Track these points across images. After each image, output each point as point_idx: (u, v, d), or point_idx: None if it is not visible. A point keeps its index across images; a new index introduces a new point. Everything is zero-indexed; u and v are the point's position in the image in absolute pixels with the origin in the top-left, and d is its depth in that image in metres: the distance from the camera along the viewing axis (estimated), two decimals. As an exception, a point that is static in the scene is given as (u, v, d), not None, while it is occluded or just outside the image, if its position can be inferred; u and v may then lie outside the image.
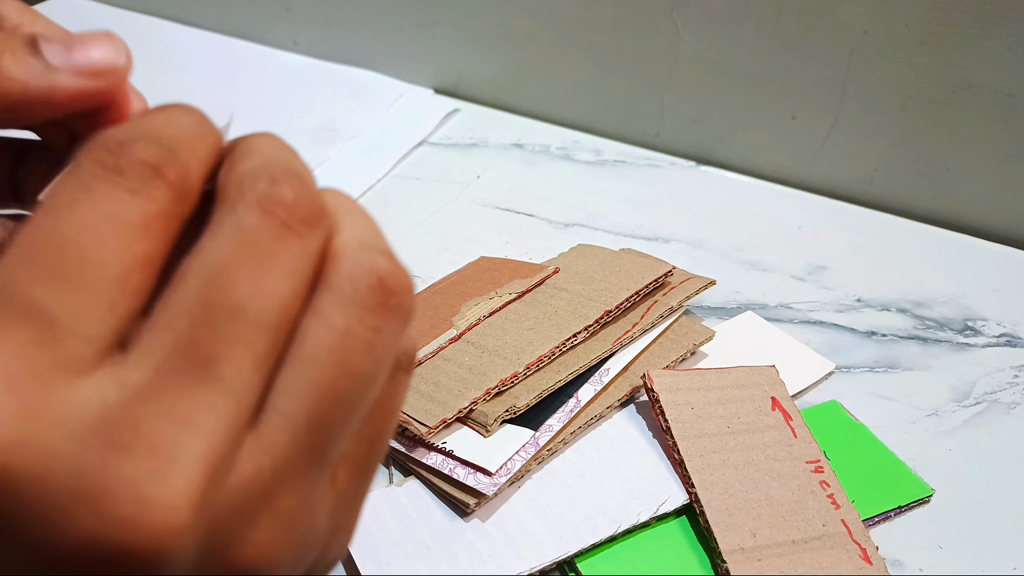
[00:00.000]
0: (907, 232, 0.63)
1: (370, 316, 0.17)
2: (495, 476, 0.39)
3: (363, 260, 0.17)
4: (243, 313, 0.15)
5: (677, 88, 0.69)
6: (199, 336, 0.15)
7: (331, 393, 0.17)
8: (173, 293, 0.15)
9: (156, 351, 0.15)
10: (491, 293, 0.49)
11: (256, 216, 0.16)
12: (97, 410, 0.14)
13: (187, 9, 0.89)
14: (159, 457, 0.14)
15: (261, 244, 0.16)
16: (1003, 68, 0.57)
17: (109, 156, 0.16)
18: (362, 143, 0.71)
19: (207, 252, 0.16)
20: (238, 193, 0.16)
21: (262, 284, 0.16)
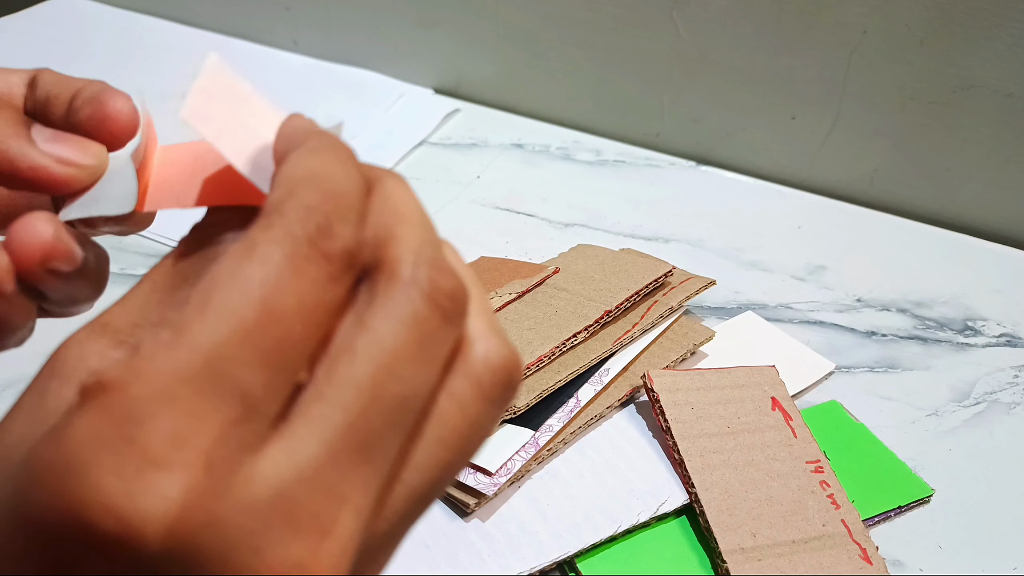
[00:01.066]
0: (907, 232, 0.63)
1: (494, 407, 0.18)
2: (495, 476, 0.39)
3: (502, 353, 0.18)
4: (408, 402, 0.16)
5: (677, 88, 0.69)
6: (368, 419, 0.16)
7: (450, 470, 0.18)
8: (343, 369, 0.16)
9: (326, 428, 0.15)
10: (491, 293, 0.49)
11: (427, 307, 0.17)
12: (274, 488, 0.15)
13: (187, 9, 0.89)
14: (322, 535, 0.15)
15: (428, 335, 0.17)
16: (1003, 68, 0.57)
17: (320, 237, 0.16)
18: (362, 143, 0.71)
19: (380, 335, 0.16)
20: (411, 279, 0.17)
21: (426, 375, 0.17)
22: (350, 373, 0.16)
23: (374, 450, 0.16)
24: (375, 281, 0.17)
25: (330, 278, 0.16)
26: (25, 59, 0.82)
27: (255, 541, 0.14)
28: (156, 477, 0.14)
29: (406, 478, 0.17)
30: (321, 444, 0.15)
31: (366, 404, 0.16)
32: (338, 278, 0.16)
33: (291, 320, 0.16)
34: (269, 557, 0.14)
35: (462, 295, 0.18)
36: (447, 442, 0.18)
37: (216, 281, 0.15)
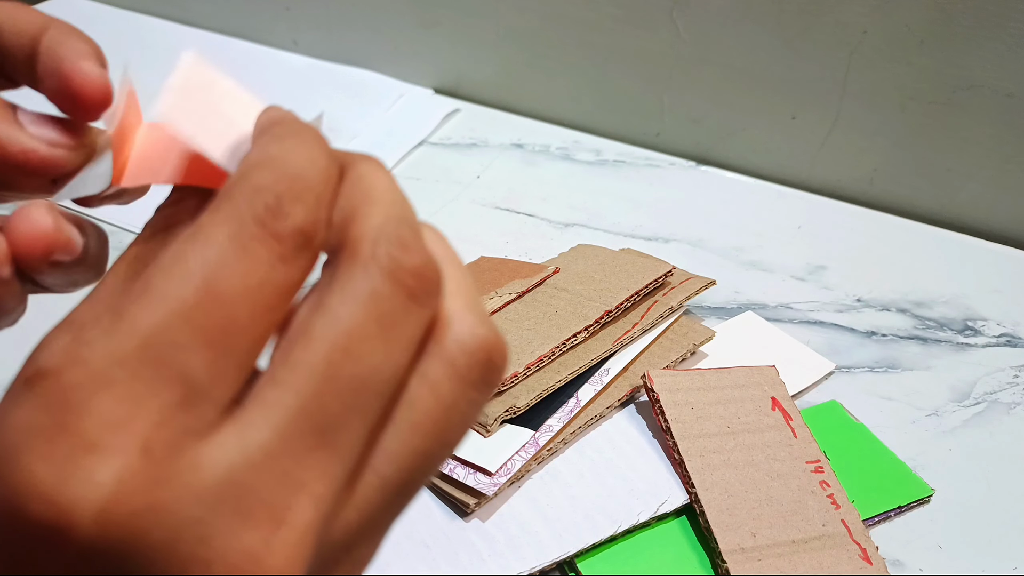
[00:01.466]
0: (907, 232, 0.63)
1: (473, 391, 0.17)
2: (495, 476, 0.39)
3: (477, 333, 0.17)
4: (368, 384, 0.16)
5: (677, 88, 0.69)
6: (323, 402, 0.15)
7: (427, 460, 0.17)
8: (298, 353, 0.15)
9: (278, 412, 0.15)
10: (491, 293, 0.49)
11: (387, 286, 0.16)
12: (222, 474, 0.14)
13: (187, 9, 0.89)
14: (275, 524, 0.14)
15: (390, 314, 0.16)
16: (1003, 68, 0.57)
17: (269, 217, 0.15)
18: (362, 143, 0.71)
19: (337, 315, 0.15)
20: (370, 257, 0.16)
21: (388, 355, 0.16)
22: (305, 355, 0.15)
23: (333, 435, 0.15)
24: (337, 262, 0.16)
25: (281, 258, 0.15)
26: (25, 59, 0.82)
27: (202, 530, 0.14)
28: (88, 461, 0.13)
29: (377, 466, 0.16)
30: (274, 428, 0.15)
31: (321, 386, 0.15)
32: (290, 259, 0.16)
33: (236, 301, 0.15)
34: (218, 546, 0.14)
35: (431, 274, 0.17)
36: (421, 428, 0.17)
37: (159, 265, 0.15)
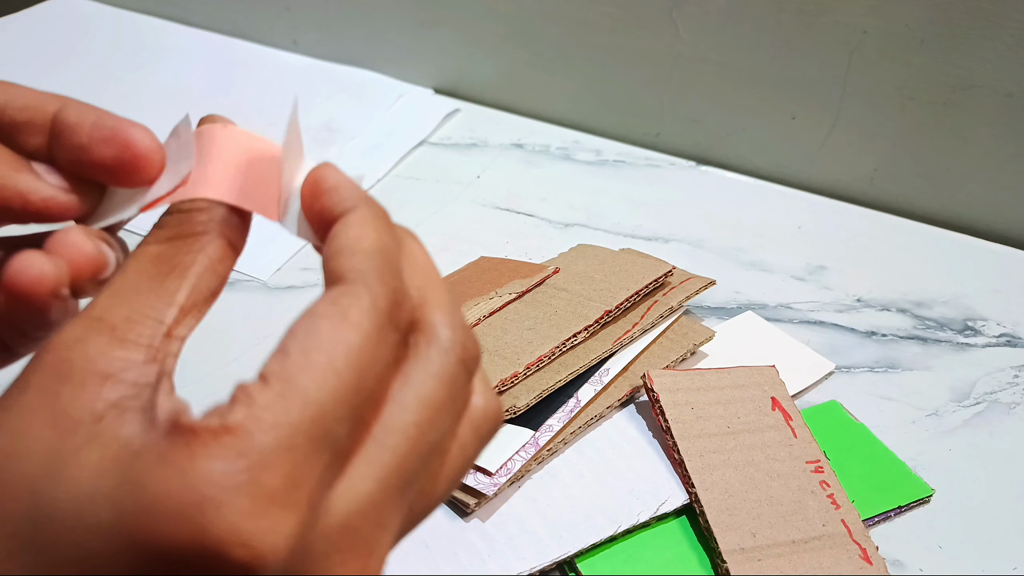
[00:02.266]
0: (907, 232, 0.63)
1: (482, 449, 0.22)
2: (495, 476, 0.39)
3: (494, 403, 0.22)
4: (437, 446, 0.20)
5: (677, 88, 0.69)
6: (410, 460, 0.19)
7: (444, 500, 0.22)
8: (393, 417, 0.19)
9: (379, 467, 0.19)
10: (491, 293, 0.49)
11: (460, 368, 0.20)
12: (342, 519, 0.18)
13: (187, 9, 0.89)
14: (369, 555, 0.19)
15: (458, 390, 0.21)
16: (1003, 68, 0.57)
17: (396, 309, 0.20)
18: (362, 143, 0.71)
19: (423, 391, 0.20)
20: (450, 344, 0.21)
21: (452, 423, 0.21)
22: (398, 422, 0.19)
23: (410, 486, 0.20)
24: (417, 342, 0.20)
25: (397, 343, 0.20)
26: (25, 59, 0.82)
27: (326, 562, 0.18)
28: (279, 515, 0.17)
29: (416, 506, 0.21)
30: (375, 481, 0.19)
31: (410, 448, 0.19)
32: (400, 342, 0.20)
33: (373, 379, 0.19)
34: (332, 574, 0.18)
35: (479, 355, 0.21)
36: (449, 477, 0.21)
37: (318, 341, 0.18)
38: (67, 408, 0.18)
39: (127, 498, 0.16)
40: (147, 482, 0.16)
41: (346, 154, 0.70)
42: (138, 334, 0.19)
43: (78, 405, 0.18)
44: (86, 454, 0.17)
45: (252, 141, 0.23)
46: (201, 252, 0.21)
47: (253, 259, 0.57)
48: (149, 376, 0.19)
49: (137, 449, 0.17)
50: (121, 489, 0.16)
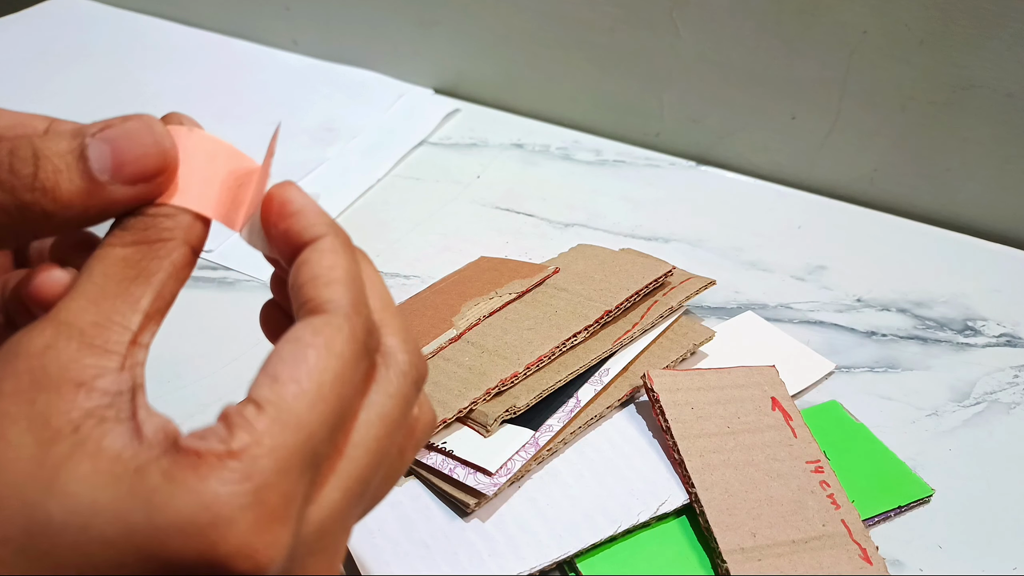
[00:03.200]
0: (907, 232, 0.63)
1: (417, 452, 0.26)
2: (495, 476, 0.39)
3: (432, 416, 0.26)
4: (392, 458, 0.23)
5: (677, 88, 0.69)
6: (371, 472, 0.22)
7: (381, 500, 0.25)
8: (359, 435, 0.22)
9: (346, 479, 0.21)
10: (491, 293, 0.49)
11: (413, 389, 0.23)
12: (316, 528, 0.20)
13: (187, 9, 0.89)
14: (336, 556, 0.22)
15: (409, 407, 0.23)
16: (1003, 68, 0.57)
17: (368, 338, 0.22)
18: (362, 143, 0.71)
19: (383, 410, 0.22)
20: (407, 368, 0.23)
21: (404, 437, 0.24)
22: (364, 438, 0.22)
23: (368, 492, 0.22)
24: (377, 364, 0.23)
25: (367, 367, 0.22)
26: (25, 59, 0.82)
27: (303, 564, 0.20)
28: (279, 530, 0.19)
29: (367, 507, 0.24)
30: (344, 492, 0.21)
31: (371, 460, 0.22)
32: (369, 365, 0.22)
33: (349, 401, 0.21)
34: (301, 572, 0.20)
35: (427, 373, 0.24)
36: (393, 479, 0.24)
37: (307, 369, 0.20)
38: (45, 416, 0.19)
39: (136, 515, 0.18)
40: (159, 501, 0.18)
41: (346, 154, 0.70)
42: (106, 340, 0.20)
43: (55, 413, 0.19)
44: (76, 465, 0.18)
45: (218, 147, 0.23)
46: (167, 258, 0.22)
47: (253, 259, 0.57)
48: (121, 384, 0.20)
49: (137, 466, 0.18)
50: (127, 505, 0.18)
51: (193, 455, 0.18)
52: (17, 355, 0.19)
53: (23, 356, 0.19)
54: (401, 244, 0.60)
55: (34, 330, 0.20)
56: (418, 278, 0.56)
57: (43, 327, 0.20)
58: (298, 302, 0.22)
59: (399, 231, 0.61)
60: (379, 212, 0.64)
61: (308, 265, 0.22)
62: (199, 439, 0.19)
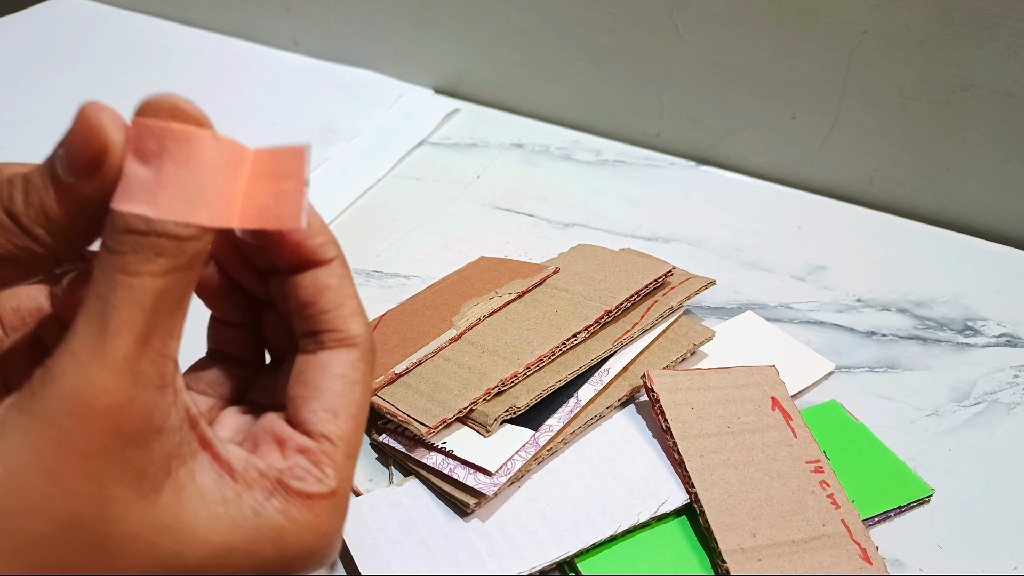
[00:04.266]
0: (907, 232, 0.63)
1: None
2: (495, 476, 0.39)
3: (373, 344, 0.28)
4: None
5: (677, 88, 0.69)
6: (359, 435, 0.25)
7: None
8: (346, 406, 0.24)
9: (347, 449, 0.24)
10: (491, 293, 0.49)
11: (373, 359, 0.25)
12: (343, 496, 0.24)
13: (187, 9, 0.89)
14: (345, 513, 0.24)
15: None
16: (1003, 68, 0.57)
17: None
18: (362, 143, 0.71)
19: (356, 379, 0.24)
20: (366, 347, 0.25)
21: None
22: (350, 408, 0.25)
23: None
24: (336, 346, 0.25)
25: None
26: (25, 59, 0.82)
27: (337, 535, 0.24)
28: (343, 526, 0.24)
29: None
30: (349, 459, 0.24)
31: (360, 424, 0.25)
32: None
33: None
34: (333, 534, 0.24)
35: None
36: None
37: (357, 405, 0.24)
38: (140, 469, 0.20)
39: (267, 551, 0.22)
40: (288, 539, 0.22)
41: (346, 154, 0.70)
42: (163, 376, 0.21)
43: (147, 464, 0.20)
44: (193, 511, 0.21)
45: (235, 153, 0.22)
46: (195, 281, 0.21)
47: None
48: (180, 416, 0.21)
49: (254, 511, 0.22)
50: (257, 544, 0.22)
51: (305, 497, 0.22)
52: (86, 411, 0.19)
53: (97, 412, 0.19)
54: (401, 244, 0.60)
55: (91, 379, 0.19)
56: (418, 278, 0.56)
57: (98, 373, 0.19)
58: (321, 326, 0.24)
59: (399, 231, 0.61)
60: (379, 212, 0.64)
61: (331, 292, 0.24)
62: (300, 480, 0.23)
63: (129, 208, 0.20)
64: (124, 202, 0.20)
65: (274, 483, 0.22)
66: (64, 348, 0.20)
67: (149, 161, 0.20)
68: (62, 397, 0.19)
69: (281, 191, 0.22)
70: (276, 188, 0.22)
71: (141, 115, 0.21)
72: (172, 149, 0.20)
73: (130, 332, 0.20)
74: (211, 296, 0.27)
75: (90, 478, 0.19)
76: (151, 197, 0.20)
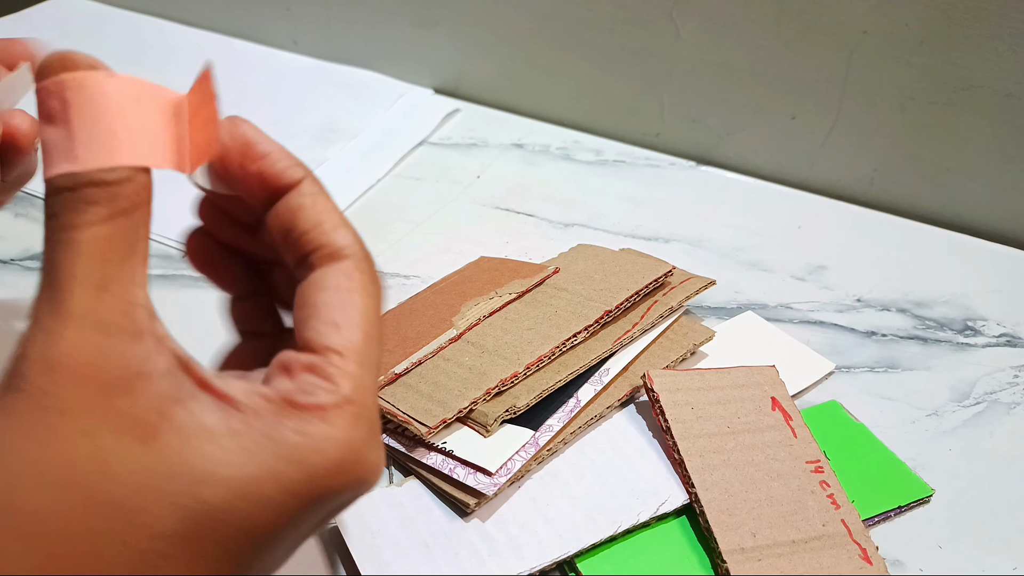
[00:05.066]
0: (907, 232, 0.63)
1: None
2: (495, 476, 0.39)
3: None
4: None
5: (677, 88, 0.69)
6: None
7: None
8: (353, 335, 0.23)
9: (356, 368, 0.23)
10: (491, 293, 0.49)
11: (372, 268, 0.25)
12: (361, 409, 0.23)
13: (187, 9, 0.89)
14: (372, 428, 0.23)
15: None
16: (1003, 68, 0.57)
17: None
18: (362, 143, 0.71)
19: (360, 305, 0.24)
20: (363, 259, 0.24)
21: None
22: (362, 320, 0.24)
23: None
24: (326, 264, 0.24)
25: None
26: (25, 59, 0.82)
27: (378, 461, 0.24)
28: (380, 444, 0.23)
29: None
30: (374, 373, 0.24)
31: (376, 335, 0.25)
32: None
33: None
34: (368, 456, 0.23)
35: None
36: None
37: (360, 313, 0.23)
38: (132, 417, 0.20)
39: (291, 472, 0.20)
40: (308, 456, 0.21)
41: (346, 154, 0.70)
42: (133, 324, 0.20)
43: (140, 411, 0.20)
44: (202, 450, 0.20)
45: (140, 88, 0.22)
46: (143, 224, 0.21)
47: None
48: (168, 361, 0.21)
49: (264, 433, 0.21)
50: (278, 467, 0.20)
51: (318, 410, 0.21)
52: (57, 368, 0.19)
53: (69, 368, 0.19)
54: (401, 244, 0.60)
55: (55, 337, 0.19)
56: (418, 278, 0.56)
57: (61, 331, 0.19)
58: (306, 247, 0.24)
59: (399, 231, 0.61)
60: (379, 212, 0.64)
61: (305, 211, 0.23)
62: (310, 395, 0.21)
63: (53, 171, 0.20)
64: (48, 168, 0.20)
65: (282, 404, 0.21)
66: (33, 311, 0.20)
67: (56, 120, 0.20)
68: (32, 361, 0.19)
69: (206, 122, 0.22)
70: (202, 121, 0.22)
71: (39, 79, 0.20)
72: (72, 100, 0.20)
73: (81, 284, 0.19)
74: (213, 269, 0.27)
75: (80, 435, 0.19)
76: (69, 153, 0.20)
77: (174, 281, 0.55)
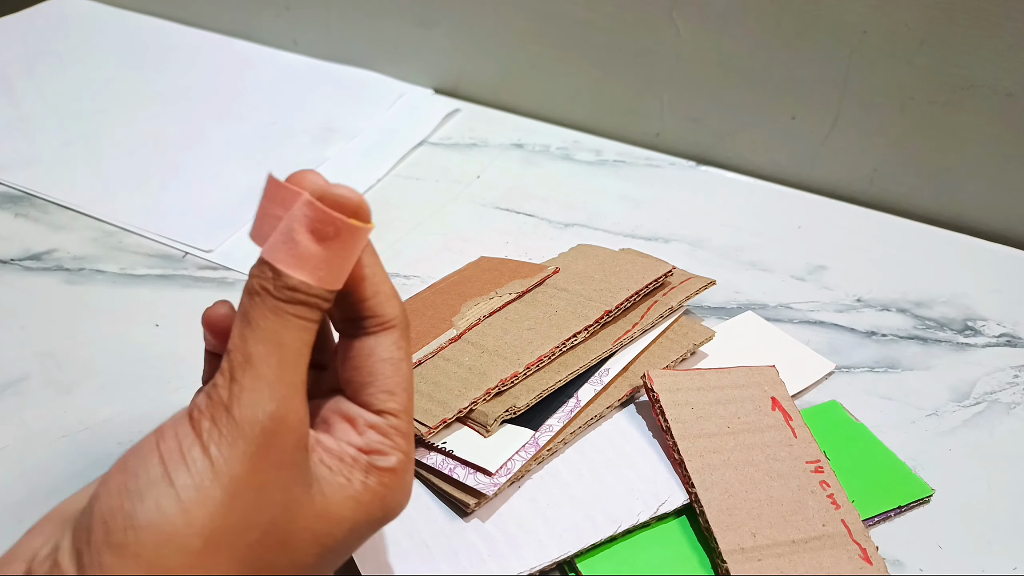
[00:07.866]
0: (907, 232, 0.63)
1: None
2: (495, 476, 0.39)
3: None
4: None
5: (677, 88, 0.69)
6: None
7: None
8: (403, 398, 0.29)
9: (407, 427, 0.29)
10: (491, 293, 0.49)
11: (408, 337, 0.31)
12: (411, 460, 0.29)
13: (187, 9, 0.89)
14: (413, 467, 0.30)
15: None
16: (1003, 68, 0.57)
17: None
18: (362, 143, 0.71)
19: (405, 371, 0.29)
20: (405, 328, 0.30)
21: None
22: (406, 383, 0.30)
23: None
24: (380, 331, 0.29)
25: None
26: (25, 59, 0.82)
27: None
28: None
29: None
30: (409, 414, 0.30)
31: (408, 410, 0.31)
32: None
33: None
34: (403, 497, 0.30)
35: None
36: None
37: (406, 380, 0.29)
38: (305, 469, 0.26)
39: (378, 513, 0.27)
40: (388, 502, 0.28)
41: (346, 154, 0.70)
42: (304, 387, 0.26)
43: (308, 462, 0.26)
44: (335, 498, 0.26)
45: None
46: None
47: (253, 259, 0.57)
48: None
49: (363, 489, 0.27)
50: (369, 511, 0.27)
51: (390, 472, 0.27)
52: (282, 429, 0.24)
53: (289, 429, 0.25)
54: (401, 244, 0.60)
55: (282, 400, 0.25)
56: (418, 278, 0.56)
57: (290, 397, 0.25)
58: (363, 313, 0.28)
59: (399, 231, 0.61)
60: (379, 212, 0.64)
61: (367, 281, 0.28)
62: (384, 456, 0.27)
63: (300, 276, 0.25)
64: (296, 270, 0.25)
65: (366, 465, 0.27)
66: (249, 372, 0.24)
67: (323, 242, 0.26)
68: (258, 419, 0.24)
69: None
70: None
71: (322, 201, 0.26)
72: (344, 239, 0.26)
73: (303, 364, 0.25)
74: None
75: (281, 486, 0.24)
76: (315, 270, 0.26)
77: (174, 281, 0.55)
